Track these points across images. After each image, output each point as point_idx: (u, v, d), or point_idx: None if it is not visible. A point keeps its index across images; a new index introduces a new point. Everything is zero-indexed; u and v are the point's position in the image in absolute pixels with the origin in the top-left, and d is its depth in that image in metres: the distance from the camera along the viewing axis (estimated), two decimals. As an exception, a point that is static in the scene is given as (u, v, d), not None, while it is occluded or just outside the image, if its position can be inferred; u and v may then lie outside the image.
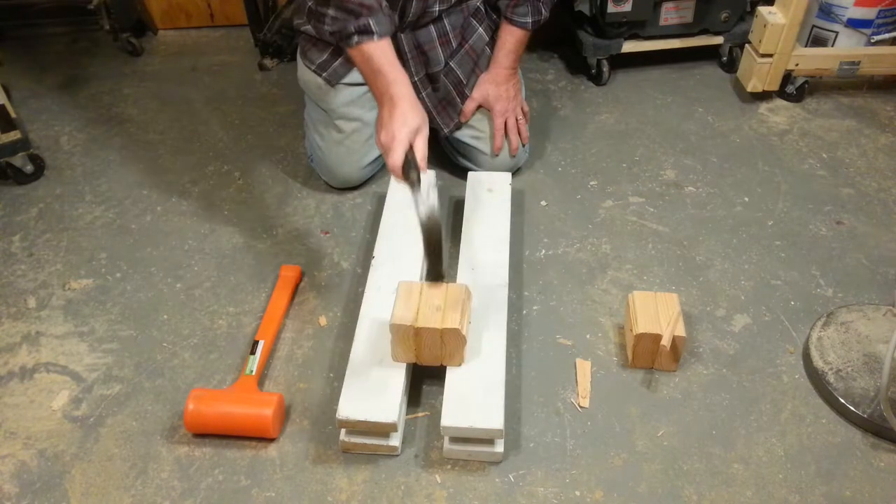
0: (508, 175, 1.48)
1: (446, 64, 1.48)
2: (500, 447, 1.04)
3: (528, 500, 1.01)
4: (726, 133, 1.73)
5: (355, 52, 1.21)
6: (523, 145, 1.54)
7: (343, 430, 1.06)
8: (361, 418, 1.02)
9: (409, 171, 1.10)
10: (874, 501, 1.00)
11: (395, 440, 1.05)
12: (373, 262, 1.28)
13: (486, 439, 1.03)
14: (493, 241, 1.31)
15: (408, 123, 1.12)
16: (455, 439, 1.04)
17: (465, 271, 1.25)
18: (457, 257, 1.32)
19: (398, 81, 1.17)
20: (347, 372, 1.09)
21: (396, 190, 1.43)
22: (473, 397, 1.04)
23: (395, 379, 1.07)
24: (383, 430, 1.03)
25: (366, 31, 1.19)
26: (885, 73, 1.84)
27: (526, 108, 1.56)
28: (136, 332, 1.27)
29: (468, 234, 1.33)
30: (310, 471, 1.05)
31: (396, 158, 1.10)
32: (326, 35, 1.27)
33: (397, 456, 1.06)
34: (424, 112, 1.17)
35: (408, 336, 1.06)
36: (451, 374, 1.08)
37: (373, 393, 1.05)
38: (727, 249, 1.40)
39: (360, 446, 1.06)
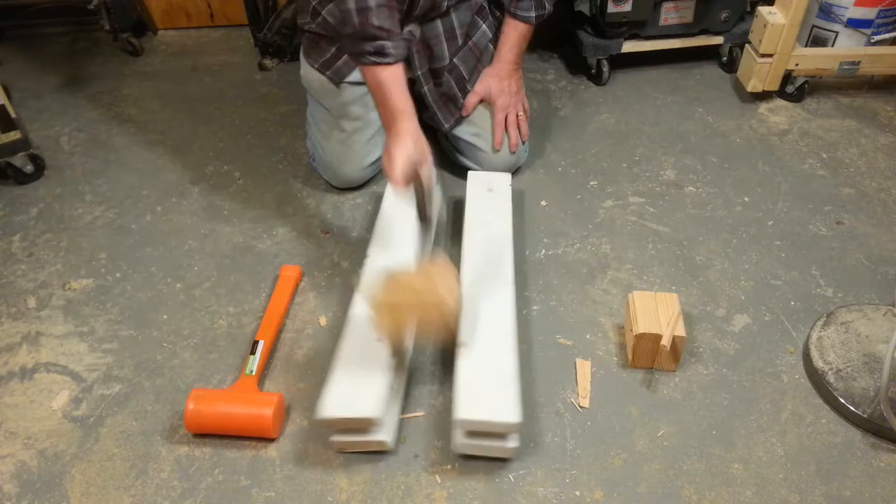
0: (508, 175, 1.48)
1: (450, 60, 1.48)
2: (513, 442, 1.03)
3: (528, 500, 1.01)
4: (726, 133, 1.73)
5: (367, 71, 1.21)
6: (523, 142, 1.55)
7: (336, 432, 1.06)
8: (339, 416, 1.01)
9: (413, 189, 1.14)
10: (874, 501, 1.00)
11: (382, 435, 1.04)
12: (366, 260, 1.27)
13: (500, 434, 1.02)
14: (496, 239, 1.31)
15: (408, 150, 1.13)
16: (468, 433, 1.03)
17: (469, 269, 1.25)
18: (458, 258, 1.32)
19: (405, 115, 1.17)
20: (331, 374, 1.07)
21: (391, 191, 1.42)
22: (488, 391, 1.03)
23: (376, 375, 1.06)
24: (363, 425, 1.03)
25: (381, 53, 1.19)
26: (885, 73, 1.84)
27: (527, 105, 1.56)
28: (136, 332, 1.27)
29: (470, 234, 1.32)
30: (310, 471, 1.05)
31: (398, 172, 1.11)
32: (347, 51, 1.28)
33: (397, 455, 1.06)
34: (427, 146, 1.18)
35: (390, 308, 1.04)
36: (462, 369, 1.06)
37: (353, 390, 1.04)
38: (727, 249, 1.40)
39: (351, 444, 1.06)
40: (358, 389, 1.04)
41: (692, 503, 1.00)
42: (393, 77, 1.19)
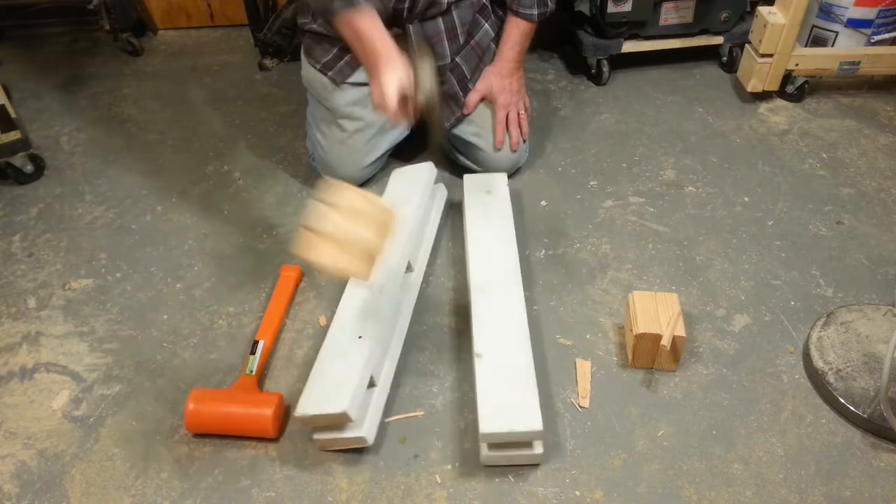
0: (504, 176, 1.47)
1: (452, 59, 1.48)
2: (539, 448, 1.03)
3: (528, 500, 1.01)
4: (726, 133, 1.73)
5: (341, 23, 1.19)
6: (524, 140, 1.55)
7: (315, 429, 1.06)
8: (314, 413, 1.02)
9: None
10: (874, 501, 1.00)
11: (360, 431, 1.04)
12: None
13: (525, 443, 1.03)
14: (501, 241, 1.31)
15: (398, 74, 1.12)
16: (493, 445, 1.03)
17: (476, 274, 1.24)
18: (462, 263, 1.32)
19: (388, 50, 1.15)
20: (311, 373, 1.08)
21: (393, 189, 1.43)
22: (508, 401, 1.03)
23: (353, 369, 1.06)
24: (338, 420, 1.03)
25: (349, 2, 1.17)
26: (885, 73, 1.84)
27: (528, 104, 1.56)
28: (136, 332, 1.27)
29: (475, 236, 1.32)
30: (310, 471, 1.05)
31: (391, 94, 1.10)
32: (315, 8, 1.26)
33: (397, 455, 1.06)
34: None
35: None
36: (482, 378, 1.07)
37: (329, 386, 1.04)
38: (727, 249, 1.40)
39: (331, 442, 1.06)
40: (332, 386, 1.04)
41: (692, 503, 1.00)
42: (368, 21, 1.17)
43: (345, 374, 1.05)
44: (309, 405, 1.02)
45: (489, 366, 1.08)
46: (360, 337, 1.11)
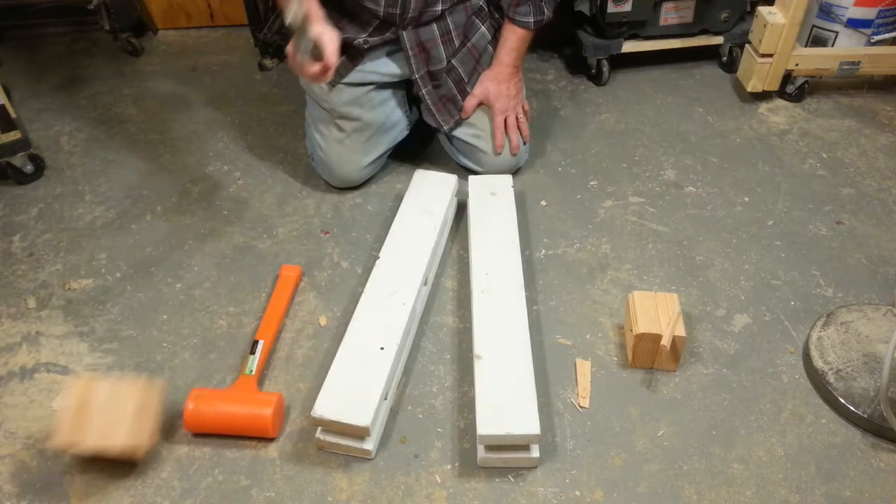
0: (510, 177, 1.48)
1: (448, 62, 1.48)
2: (535, 452, 1.03)
3: (528, 500, 1.01)
4: (726, 133, 1.73)
5: None
6: (524, 143, 1.54)
7: (319, 428, 1.06)
8: (334, 419, 1.02)
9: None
10: (874, 501, 1.00)
11: (369, 444, 1.05)
12: (377, 262, 1.27)
13: (522, 446, 1.03)
14: (504, 244, 1.31)
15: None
16: (490, 448, 1.04)
17: (479, 276, 1.25)
18: (466, 264, 1.32)
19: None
20: (331, 369, 1.08)
21: (414, 193, 1.42)
22: (507, 404, 1.03)
23: (376, 382, 1.06)
24: (357, 432, 1.03)
25: None
26: (885, 73, 1.84)
27: (527, 107, 1.56)
28: (136, 332, 1.27)
29: (477, 238, 1.32)
30: (310, 471, 1.05)
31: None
32: None
33: (397, 455, 1.06)
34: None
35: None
36: (481, 380, 1.07)
37: (351, 394, 1.04)
38: (727, 249, 1.40)
39: (334, 445, 1.06)
40: (355, 396, 1.04)
41: (692, 503, 1.00)
42: None
43: (368, 386, 1.06)
44: (329, 409, 1.03)
45: (489, 368, 1.08)
46: (382, 348, 1.11)
